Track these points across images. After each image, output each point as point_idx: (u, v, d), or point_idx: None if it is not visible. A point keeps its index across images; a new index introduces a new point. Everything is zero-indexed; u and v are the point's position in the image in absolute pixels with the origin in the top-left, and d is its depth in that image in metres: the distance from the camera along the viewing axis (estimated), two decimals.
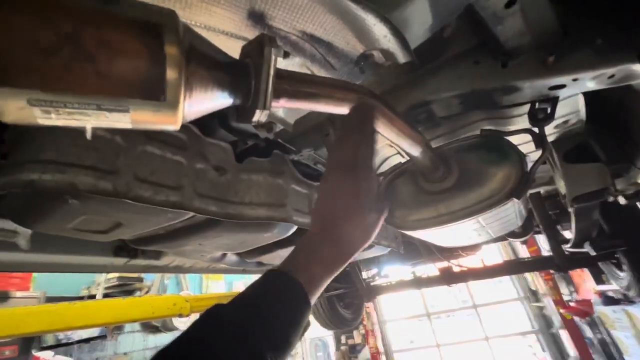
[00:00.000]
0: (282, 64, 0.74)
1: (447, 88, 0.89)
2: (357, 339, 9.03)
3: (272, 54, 0.46)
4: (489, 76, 0.84)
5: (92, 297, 4.63)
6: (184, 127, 0.83)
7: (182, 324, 6.46)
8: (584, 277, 5.84)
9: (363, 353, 8.58)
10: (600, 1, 0.71)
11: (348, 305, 3.06)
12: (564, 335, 7.14)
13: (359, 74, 0.78)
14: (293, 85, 0.56)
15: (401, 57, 0.69)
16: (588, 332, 6.29)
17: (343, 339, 8.99)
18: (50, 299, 4.24)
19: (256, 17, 0.60)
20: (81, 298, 4.79)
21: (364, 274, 3.16)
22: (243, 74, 0.48)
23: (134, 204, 0.71)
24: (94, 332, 4.72)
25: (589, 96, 1.04)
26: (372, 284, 3.04)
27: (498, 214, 1.14)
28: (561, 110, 1.04)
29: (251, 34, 0.62)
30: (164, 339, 6.24)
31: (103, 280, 5.07)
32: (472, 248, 2.75)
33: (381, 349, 8.42)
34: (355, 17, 0.60)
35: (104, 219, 0.80)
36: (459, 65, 0.86)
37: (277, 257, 1.45)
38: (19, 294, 3.94)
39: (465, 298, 9.27)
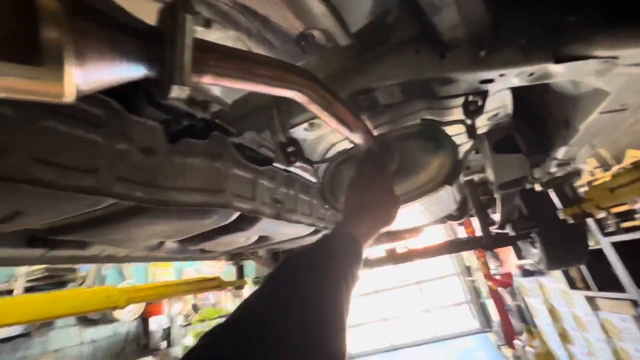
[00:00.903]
0: (214, 36, 0.67)
1: (389, 75, 0.90)
2: None
3: (186, 20, 0.40)
4: (428, 66, 0.86)
5: (11, 292, 4.09)
6: (100, 100, 0.73)
7: (124, 314, 6.06)
8: (508, 254, 6.66)
9: None
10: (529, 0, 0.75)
11: None
12: (490, 304, 8.16)
13: (300, 54, 0.74)
14: (221, 60, 0.51)
15: (342, 39, 0.67)
16: (508, 300, 7.26)
17: None
18: None
19: None
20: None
21: None
22: (155, 42, 0.42)
23: (34, 189, 0.61)
24: (16, 329, 4.20)
25: (516, 91, 1.13)
26: None
27: (436, 199, 1.20)
28: (491, 104, 1.12)
29: None
30: (104, 330, 5.82)
31: (24, 273, 4.48)
32: (416, 231, 2.95)
33: None
34: None
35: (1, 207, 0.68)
36: (402, 54, 0.87)
37: (220, 244, 1.39)
38: None
39: (408, 277, 10.07)
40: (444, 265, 9.99)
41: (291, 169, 1.34)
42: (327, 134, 1.27)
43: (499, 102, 1.15)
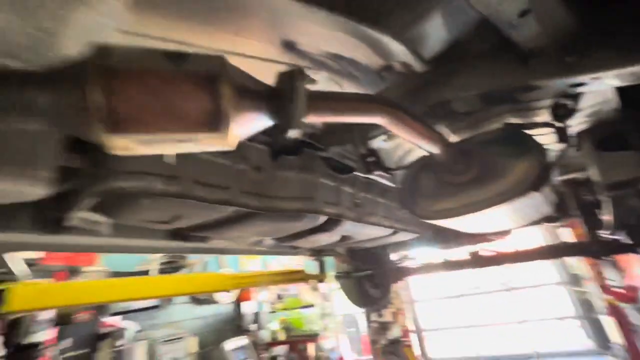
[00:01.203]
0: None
1: (466, 87, 0.93)
2: (388, 317, 9.28)
3: (302, 87, 0.56)
4: (509, 76, 0.87)
5: (145, 272, 5.22)
6: None
7: (223, 298, 7.08)
8: (632, 262, 5.47)
9: (393, 331, 8.82)
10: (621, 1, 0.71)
11: (376, 285, 3.20)
12: (607, 321, 6.81)
13: (379, 81, 0.85)
14: (321, 103, 0.66)
15: (418, 67, 0.75)
16: (635, 319, 5.95)
17: (374, 316, 9.28)
18: (112, 274, 4.86)
19: (288, 45, 0.70)
20: (137, 273, 5.42)
21: (394, 256, 3.26)
22: (279, 103, 0.59)
23: (191, 201, 0.87)
24: (150, 302, 5.35)
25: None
26: (400, 265, 3.14)
27: (523, 203, 1.18)
28: (589, 101, 1.04)
29: (284, 57, 0.71)
30: (209, 310, 6.88)
31: (156, 258, 5.68)
32: (502, 233, 2.73)
33: (412, 327, 8.59)
34: (372, 38, 0.67)
35: (167, 213, 0.98)
36: (478, 66, 0.90)
37: (308, 242, 1.59)
38: (85, 268, 4.55)
39: (502, 280, 9.06)
40: (544, 272, 8.70)
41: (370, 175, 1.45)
42: (404, 142, 1.34)
43: (600, 98, 1.05)
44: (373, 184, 1.56)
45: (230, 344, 5.99)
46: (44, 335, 2.05)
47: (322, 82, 0.82)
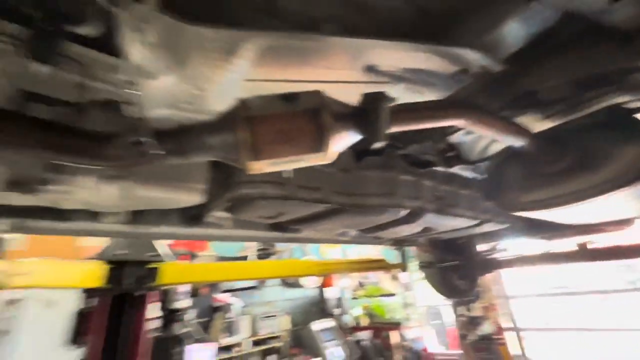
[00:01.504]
0: (391, 90, 0.93)
1: (554, 75, 0.90)
2: (478, 311, 8.66)
3: (384, 106, 0.68)
4: (608, 58, 0.82)
5: (244, 257, 6.09)
6: None
7: (308, 282, 7.70)
8: None
9: (484, 326, 8.21)
10: None
11: (462, 276, 3.09)
12: None
13: (458, 83, 0.90)
14: (403, 115, 0.76)
15: (494, 68, 0.77)
16: None
17: (462, 310, 8.77)
18: (219, 258, 5.79)
19: (370, 69, 0.81)
20: (237, 258, 6.34)
21: (483, 247, 3.09)
22: (366, 121, 0.72)
23: (294, 201, 1.07)
24: (248, 283, 6.21)
25: None
26: (489, 257, 2.97)
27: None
28: None
29: (366, 78, 0.83)
30: (297, 293, 7.57)
31: (251, 246, 6.56)
32: (620, 223, 2.32)
33: (506, 324, 7.86)
34: (449, 52, 0.73)
35: (275, 210, 1.21)
36: (568, 52, 0.86)
37: (391, 233, 1.70)
38: (200, 253, 5.52)
39: (632, 278, 7.49)
40: None
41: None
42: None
43: None
44: (454, 177, 1.57)
45: (317, 325, 6.50)
46: (183, 303, 2.67)
47: (402, 91, 0.91)
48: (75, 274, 1.93)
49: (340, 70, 0.80)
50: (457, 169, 1.48)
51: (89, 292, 2.24)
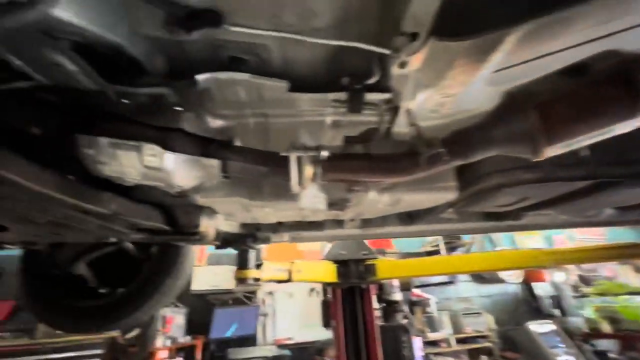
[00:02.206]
0: None
1: None
2: None
3: None
4: None
5: (430, 253, 6.00)
6: None
7: (508, 277, 6.67)
8: None
9: None
10: None
11: None
12: None
13: None
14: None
15: None
16: None
17: None
18: (403, 255, 5.96)
19: None
20: (421, 254, 6.33)
21: None
22: None
23: (551, 183, 0.97)
24: (443, 278, 6.06)
25: None
26: None
27: None
28: None
29: None
30: (494, 289, 6.73)
31: (430, 240, 6.42)
32: None
33: None
34: None
35: (518, 196, 1.14)
36: None
37: None
38: (388, 250, 5.85)
39: None
40: None
41: None
42: None
43: None
44: None
45: (536, 327, 5.50)
46: (397, 296, 2.91)
47: None
48: (322, 272, 2.47)
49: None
50: None
51: (325, 286, 2.82)
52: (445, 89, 0.82)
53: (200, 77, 0.71)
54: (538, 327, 5.50)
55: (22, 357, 3.58)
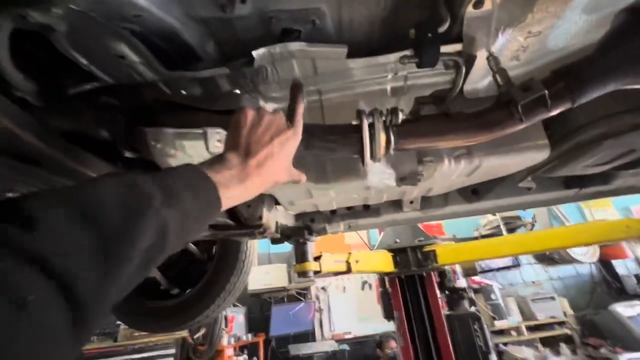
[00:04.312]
0: None
1: None
2: None
3: None
4: None
5: (485, 237, 5.58)
6: None
7: (582, 255, 5.99)
8: None
9: None
10: None
11: None
12: None
13: None
14: None
15: None
16: None
17: None
18: (457, 240, 5.62)
19: None
20: (475, 238, 5.92)
21: None
22: None
23: None
24: (506, 262, 5.62)
25: None
26: None
27: None
28: None
29: None
30: (566, 270, 6.10)
31: (483, 223, 5.98)
32: None
33: None
34: None
35: (620, 150, 0.95)
36: None
37: None
38: (439, 236, 5.57)
39: None
40: None
41: None
42: None
43: None
44: None
45: (623, 309, 4.87)
46: (462, 282, 2.73)
47: None
48: (379, 261, 2.38)
49: None
50: None
51: (383, 276, 2.71)
52: (531, 25, 0.70)
53: (256, 52, 0.67)
54: (625, 309, 4.86)
55: (108, 359, 3.96)
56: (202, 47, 0.71)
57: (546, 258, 6.01)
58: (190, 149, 0.72)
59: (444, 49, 0.68)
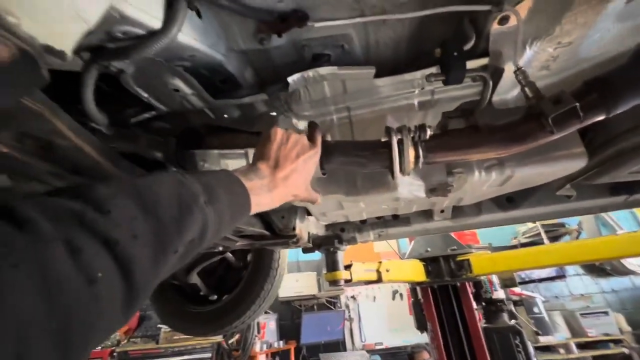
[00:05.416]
0: None
1: None
2: None
3: None
4: None
5: (524, 245, 5.24)
6: None
7: (637, 267, 5.43)
8: None
9: None
10: None
11: None
12: None
13: None
14: None
15: None
16: None
17: None
18: (493, 249, 5.33)
19: None
20: (513, 247, 5.59)
21: None
22: None
23: None
24: (550, 272, 5.25)
25: None
26: None
27: None
28: None
29: None
30: (620, 282, 5.56)
31: (521, 231, 5.64)
32: None
33: None
34: None
35: None
36: None
37: None
38: (474, 245, 5.32)
39: None
40: None
41: None
42: None
43: None
44: None
45: None
46: (500, 293, 2.59)
47: None
48: (410, 271, 2.35)
49: None
50: None
51: (415, 286, 2.66)
52: (561, 37, 0.70)
53: (291, 78, 0.73)
54: None
55: None
56: (241, 75, 0.79)
57: (596, 269, 5.52)
58: (234, 167, 0.79)
59: (470, 64, 0.70)
